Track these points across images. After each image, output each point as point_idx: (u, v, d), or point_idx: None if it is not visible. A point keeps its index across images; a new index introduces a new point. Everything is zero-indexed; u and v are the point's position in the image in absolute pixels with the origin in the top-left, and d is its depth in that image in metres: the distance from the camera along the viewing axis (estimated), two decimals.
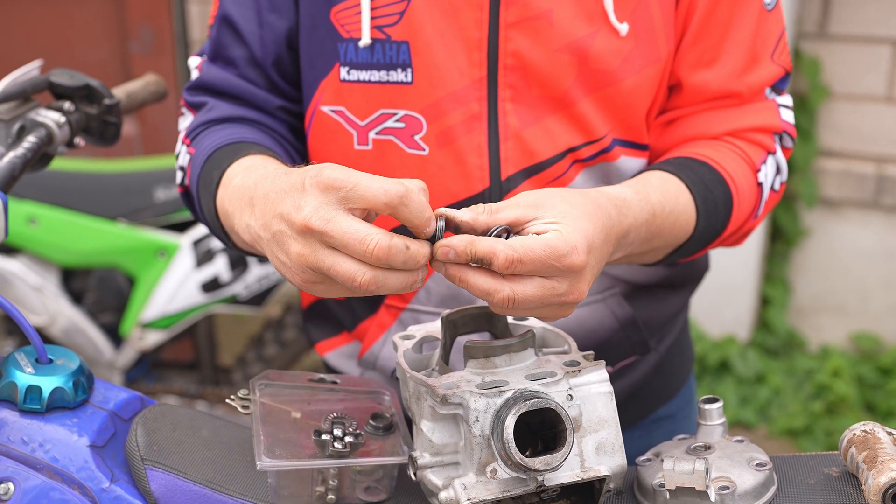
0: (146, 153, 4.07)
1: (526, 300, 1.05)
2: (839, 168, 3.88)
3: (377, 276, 1.01)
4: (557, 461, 1.06)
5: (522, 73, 1.33)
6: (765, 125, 1.43)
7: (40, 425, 1.19)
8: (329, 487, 1.18)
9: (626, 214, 1.19)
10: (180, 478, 1.19)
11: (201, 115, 1.48)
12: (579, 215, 1.09)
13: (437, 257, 1.05)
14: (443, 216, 1.07)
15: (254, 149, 1.32)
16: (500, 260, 1.02)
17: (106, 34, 4.06)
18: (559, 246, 1.04)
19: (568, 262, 1.05)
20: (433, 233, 1.05)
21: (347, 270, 1.01)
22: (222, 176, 1.29)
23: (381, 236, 1.00)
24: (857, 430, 1.16)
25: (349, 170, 1.02)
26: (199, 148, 1.42)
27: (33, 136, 1.46)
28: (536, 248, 1.04)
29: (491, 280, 1.04)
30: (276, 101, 1.47)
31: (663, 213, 1.27)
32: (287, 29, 1.43)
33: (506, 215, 1.09)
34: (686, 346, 1.68)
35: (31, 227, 3.09)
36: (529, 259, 1.03)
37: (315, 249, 1.02)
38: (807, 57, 3.80)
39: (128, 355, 3.24)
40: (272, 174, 1.12)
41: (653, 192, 1.27)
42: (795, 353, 4.07)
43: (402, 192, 1.00)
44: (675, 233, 1.32)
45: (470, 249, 1.03)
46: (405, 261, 1.01)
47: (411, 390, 1.16)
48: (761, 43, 1.42)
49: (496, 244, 1.03)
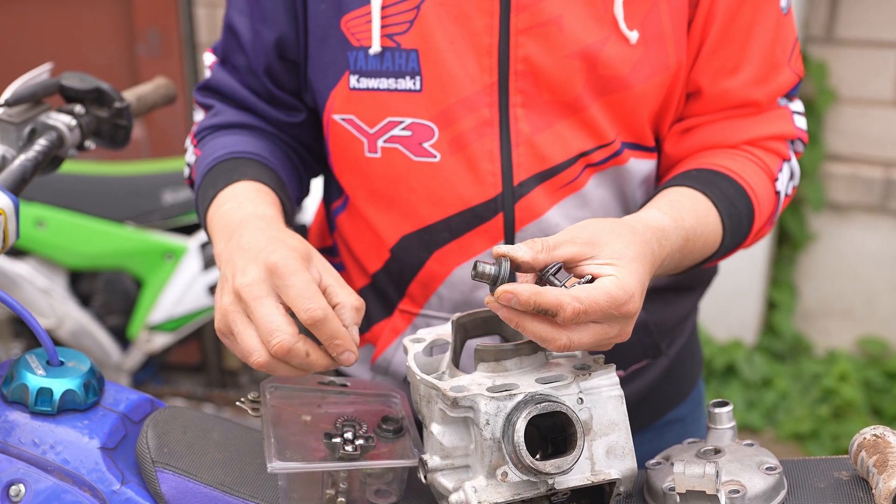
0: (154, 156, 4.08)
1: (580, 346, 1.08)
2: (846, 172, 3.88)
3: (270, 362, 1.13)
4: (568, 464, 1.06)
5: (533, 78, 1.34)
6: (781, 133, 1.43)
7: (51, 427, 1.20)
8: (339, 490, 1.18)
9: (665, 245, 1.21)
10: (191, 480, 1.19)
11: (208, 118, 1.52)
12: (633, 256, 1.12)
13: (499, 301, 1.06)
14: (506, 256, 1.08)
15: (250, 171, 1.39)
16: (567, 313, 1.04)
17: (113, 37, 4.07)
18: (619, 295, 1.07)
19: (625, 310, 1.08)
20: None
21: (249, 346, 1.13)
22: (215, 196, 1.37)
23: (287, 337, 1.11)
24: (867, 433, 1.16)
25: (296, 266, 1.15)
26: (204, 152, 1.47)
27: (44, 139, 1.47)
28: (601, 299, 1.06)
29: (549, 328, 1.07)
30: (272, 111, 1.50)
31: (695, 236, 1.29)
32: (276, 39, 1.44)
33: (563, 252, 1.10)
34: (695, 350, 1.68)
35: (39, 229, 3.09)
36: (594, 310, 1.06)
37: (237, 311, 1.15)
38: (814, 61, 3.80)
39: (135, 358, 3.25)
40: (252, 226, 1.24)
41: (686, 217, 1.28)
42: (802, 357, 4.07)
43: (319, 318, 1.11)
44: (703, 251, 1.33)
45: (535, 300, 1.04)
46: (300, 364, 1.14)
47: (422, 393, 1.16)
48: (780, 49, 1.41)
49: (562, 297, 1.04)
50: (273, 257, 1.14)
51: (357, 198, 1.45)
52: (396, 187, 1.40)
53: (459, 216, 1.38)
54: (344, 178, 1.46)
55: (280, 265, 1.13)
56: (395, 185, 1.40)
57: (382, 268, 1.47)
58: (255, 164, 1.42)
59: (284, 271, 1.13)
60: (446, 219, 1.39)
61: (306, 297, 1.12)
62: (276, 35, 1.44)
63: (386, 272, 1.47)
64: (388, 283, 1.48)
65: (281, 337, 1.11)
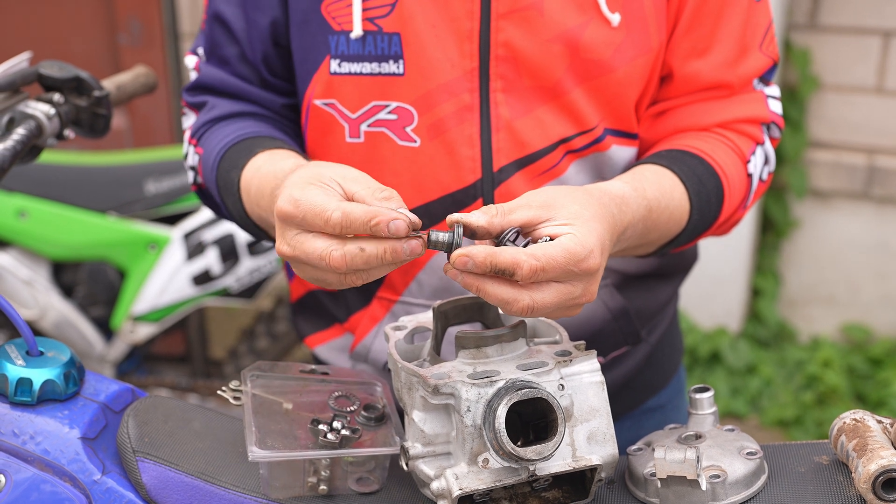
0: (136, 146, 4.06)
1: (544, 307, 1.06)
2: (829, 159, 3.89)
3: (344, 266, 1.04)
4: (549, 451, 1.06)
5: (514, 63, 1.33)
6: (754, 116, 1.44)
7: (31, 418, 1.19)
8: (321, 478, 1.18)
9: (626, 212, 1.20)
10: (172, 469, 1.19)
11: (203, 113, 1.51)
12: (590, 216, 1.10)
13: (455, 266, 1.04)
14: (459, 223, 1.07)
15: (264, 143, 1.36)
16: (525, 271, 1.03)
17: (95, 26, 4.05)
18: (578, 251, 1.05)
19: (585, 266, 1.06)
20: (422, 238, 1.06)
21: (319, 252, 1.05)
22: (244, 169, 1.33)
23: (332, 251, 1.04)
24: (846, 418, 1.17)
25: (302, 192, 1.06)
26: (207, 147, 1.45)
27: (22, 129, 1.46)
28: (558, 255, 1.04)
29: (510, 289, 1.05)
30: (269, 97, 1.48)
31: (659, 207, 1.28)
32: (270, 24, 1.43)
33: (519, 216, 1.09)
34: (676, 337, 1.68)
35: (21, 220, 3.08)
36: (552, 267, 1.04)
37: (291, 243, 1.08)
38: (797, 48, 3.80)
39: (119, 348, 3.24)
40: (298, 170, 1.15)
41: (649, 188, 1.27)
42: (786, 343, 4.08)
43: (337, 220, 1.03)
44: (669, 226, 1.32)
45: (490, 261, 1.03)
46: (365, 261, 1.04)
47: (403, 381, 1.16)
48: (750, 33, 1.42)
49: (518, 255, 1.03)
50: (282, 199, 1.08)
51: None
52: (378, 172, 1.39)
53: (439, 202, 1.38)
54: None
55: (287, 208, 1.07)
56: (377, 171, 1.39)
57: None
58: (270, 139, 1.40)
59: (292, 210, 1.06)
60: (426, 204, 1.38)
61: (318, 213, 1.05)
62: (269, 20, 1.43)
63: None
64: None
65: (329, 254, 1.04)
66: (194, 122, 1.51)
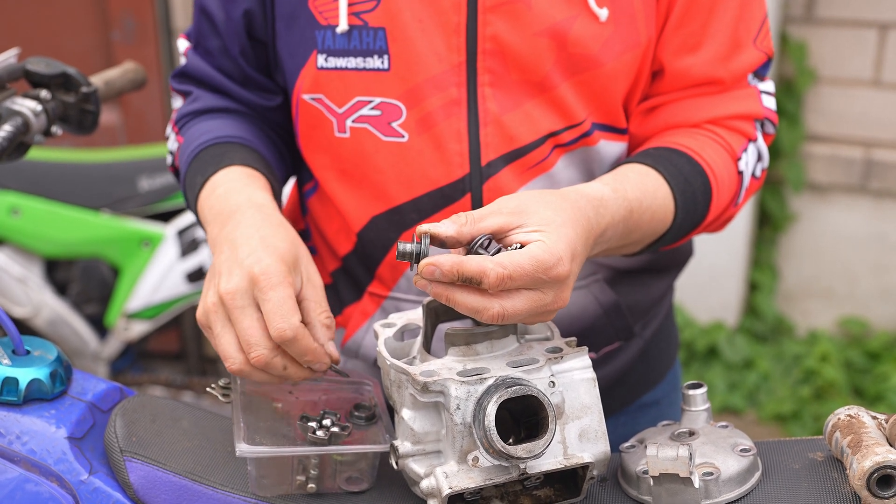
0: (130, 142, 4.04)
1: (515, 314, 1.06)
2: (826, 153, 3.88)
3: (245, 370, 1.16)
4: (540, 448, 1.05)
5: (501, 57, 1.32)
6: (746, 112, 1.42)
7: (17, 417, 1.18)
8: (310, 476, 1.17)
9: (604, 214, 1.19)
10: (160, 469, 1.18)
11: (187, 104, 1.52)
12: (562, 222, 1.10)
13: (423, 276, 1.05)
14: (427, 234, 1.07)
15: (237, 155, 1.39)
16: (491, 279, 1.03)
17: (88, 23, 4.03)
18: (545, 259, 1.05)
19: (554, 274, 1.06)
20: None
21: (227, 350, 1.16)
22: (205, 182, 1.37)
23: (265, 352, 1.14)
24: (841, 414, 1.16)
25: (277, 279, 1.16)
26: (186, 139, 1.47)
27: (9, 125, 1.45)
28: (525, 263, 1.04)
29: (479, 298, 1.05)
30: (249, 96, 1.49)
31: (640, 208, 1.27)
32: (243, 15, 1.43)
33: (489, 223, 1.09)
34: (671, 332, 1.67)
35: (14, 217, 3.06)
36: (519, 275, 1.04)
37: (219, 313, 1.17)
38: (794, 41, 3.79)
39: (113, 346, 3.23)
40: (248, 216, 1.25)
41: (630, 189, 1.26)
42: (783, 338, 4.07)
43: (289, 338, 1.13)
44: (653, 226, 1.31)
45: (457, 269, 1.03)
46: (280, 376, 1.17)
47: (392, 378, 1.15)
48: (744, 28, 1.41)
49: (485, 263, 1.03)
50: (257, 267, 1.16)
51: (326, 179, 1.44)
52: (365, 168, 1.39)
53: (427, 197, 1.37)
54: (313, 159, 1.45)
55: (262, 277, 1.15)
56: (363, 166, 1.39)
57: (352, 250, 1.46)
58: (242, 147, 1.42)
59: (265, 284, 1.15)
60: (414, 199, 1.37)
61: (279, 316, 1.13)
62: (242, 10, 1.43)
63: (356, 254, 1.46)
64: (358, 266, 1.47)
65: (259, 351, 1.14)
66: (179, 110, 1.53)
